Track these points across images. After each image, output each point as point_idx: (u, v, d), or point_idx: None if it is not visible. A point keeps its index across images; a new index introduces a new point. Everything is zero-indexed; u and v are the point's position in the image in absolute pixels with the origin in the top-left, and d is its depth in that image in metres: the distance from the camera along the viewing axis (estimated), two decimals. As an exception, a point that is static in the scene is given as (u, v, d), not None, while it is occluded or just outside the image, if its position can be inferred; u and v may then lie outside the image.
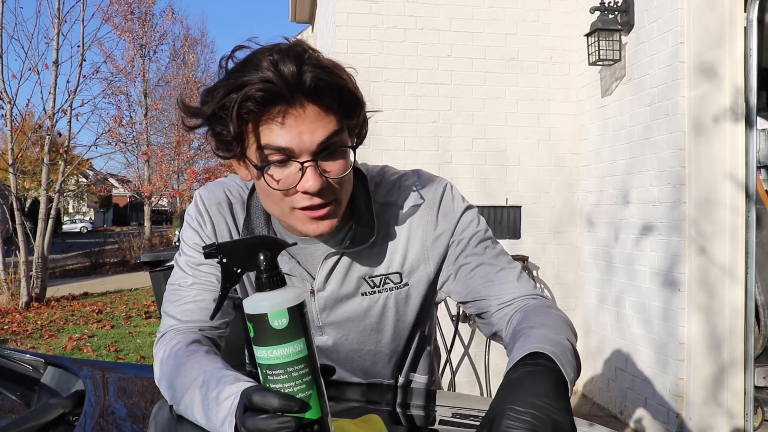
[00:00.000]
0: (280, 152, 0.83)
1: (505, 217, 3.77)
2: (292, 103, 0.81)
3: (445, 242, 1.02)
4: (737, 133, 2.86)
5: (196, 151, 18.21)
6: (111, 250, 15.10)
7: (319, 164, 0.85)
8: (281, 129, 0.82)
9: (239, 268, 0.72)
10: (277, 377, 0.67)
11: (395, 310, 1.05)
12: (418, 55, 3.69)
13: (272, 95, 0.80)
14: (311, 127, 0.83)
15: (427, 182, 1.04)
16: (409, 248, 1.02)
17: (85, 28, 9.22)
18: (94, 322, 6.61)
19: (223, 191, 1.04)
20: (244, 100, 0.80)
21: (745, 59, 2.86)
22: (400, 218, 1.02)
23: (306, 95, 0.82)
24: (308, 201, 0.87)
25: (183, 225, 1.07)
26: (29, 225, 8.74)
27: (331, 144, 0.85)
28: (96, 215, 40.96)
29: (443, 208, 1.02)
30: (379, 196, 1.02)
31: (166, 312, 1.01)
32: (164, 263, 3.35)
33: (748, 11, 2.85)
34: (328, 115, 0.84)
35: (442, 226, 1.01)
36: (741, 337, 2.87)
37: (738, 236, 2.86)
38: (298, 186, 0.85)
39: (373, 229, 0.98)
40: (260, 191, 0.92)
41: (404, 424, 0.99)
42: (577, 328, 4.06)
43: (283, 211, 0.90)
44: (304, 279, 1.02)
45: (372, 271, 1.02)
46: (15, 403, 1.21)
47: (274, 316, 0.66)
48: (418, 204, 1.02)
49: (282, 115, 0.82)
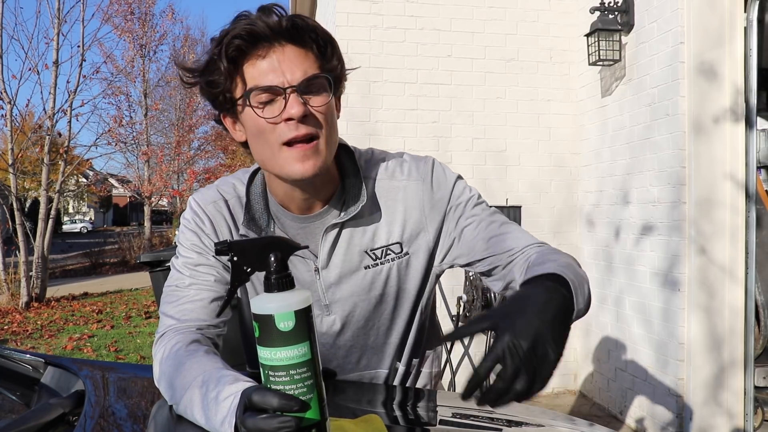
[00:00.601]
0: (267, 91, 0.92)
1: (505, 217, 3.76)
2: (273, 43, 0.92)
3: (442, 209, 1.07)
4: (737, 133, 2.86)
5: (196, 151, 18.23)
6: (111, 250, 15.09)
7: (301, 96, 0.92)
8: (265, 67, 0.92)
9: (249, 267, 0.72)
10: (279, 379, 0.67)
11: (397, 279, 1.08)
12: (418, 55, 3.69)
13: (255, 35, 0.91)
14: (292, 66, 0.92)
15: (415, 158, 1.11)
16: (407, 218, 1.06)
17: (85, 28, 9.24)
18: (94, 322, 6.61)
19: (217, 191, 1.08)
20: (232, 39, 0.90)
21: (745, 59, 2.86)
22: (395, 191, 1.06)
23: (285, 37, 0.92)
24: (293, 131, 0.92)
25: (179, 229, 1.08)
26: (29, 225, 8.74)
27: (311, 80, 0.93)
28: (96, 215, 40.96)
29: (436, 178, 1.08)
30: (371, 172, 1.07)
31: (165, 312, 1.02)
32: (164, 263, 3.35)
33: (748, 11, 2.85)
34: (307, 56, 0.94)
35: (438, 194, 1.07)
36: (741, 337, 2.87)
37: (738, 236, 2.86)
38: (283, 112, 0.91)
39: (363, 195, 1.02)
40: (251, 138, 0.97)
41: (404, 424, 0.99)
42: (577, 328, 4.07)
43: (273, 150, 0.94)
44: (306, 258, 1.04)
45: (373, 244, 1.05)
46: (15, 403, 1.21)
47: (281, 318, 0.66)
48: (410, 176, 1.07)
49: (265, 53, 0.92)
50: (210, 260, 1.04)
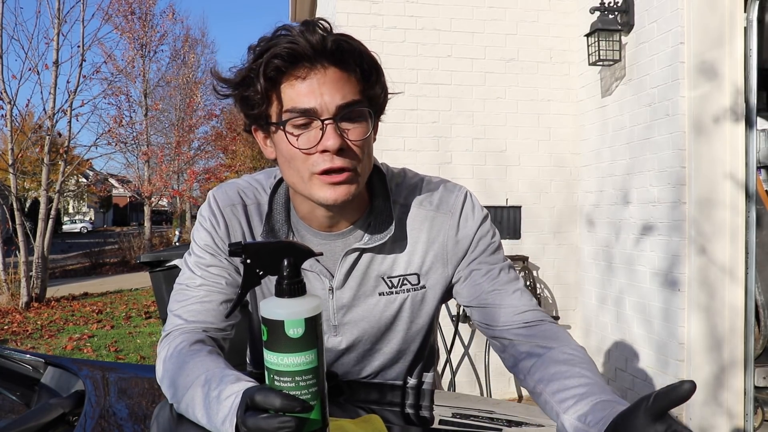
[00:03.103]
0: (303, 114, 0.87)
1: (506, 217, 3.77)
2: (314, 64, 0.87)
3: (465, 247, 1.03)
4: (737, 133, 2.86)
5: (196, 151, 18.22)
6: (111, 250, 15.10)
7: (339, 124, 0.88)
8: (304, 89, 0.87)
9: (262, 270, 0.72)
10: (284, 384, 0.67)
11: (410, 312, 1.06)
12: (418, 56, 3.69)
13: (297, 55, 0.86)
14: (332, 89, 0.87)
15: (448, 188, 1.06)
16: (428, 250, 1.02)
17: (85, 28, 9.23)
18: (94, 323, 6.61)
19: (237, 193, 1.05)
20: (271, 59, 0.86)
21: (745, 59, 2.86)
22: (421, 220, 1.02)
23: (328, 58, 0.87)
24: (328, 162, 0.88)
25: (195, 225, 1.07)
26: (29, 225, 8.74)
27: (351, 108, 0.89)
28: (96, 215, 40.95)
29: (465, 214, 1.03)
30: (400, 197, 1.03)
31: (172, 311, 1.02)
32: (164, 263, 3.34)
33: (748, 11, 2.85)
34: (349, 80, 0.89)
35: (463, 231, 1.02)
36: (741, 337, 2.87)
37: (738, 236, 2.86)
38: (319, 144, 0.88)
39: (391, 223, 0.99)
40: (282, 160, 0.93)
41: (404, 424, 0.99)
42: (577, 328, 4.07)
43: (303, 177, 0.91)
44: (323, 276, 1.02)
45: (391, 271, 1.02)
46: (15, 403, 1.21)
47: (291, 325, 0.66)
48: (440, 208, 1.03)
49: (305, 74, 0.87)
50: (223, 262, 1.02)
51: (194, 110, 17.55)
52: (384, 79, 0.94)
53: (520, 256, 3.76)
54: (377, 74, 0.93)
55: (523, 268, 3.76)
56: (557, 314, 3.89)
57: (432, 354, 1.20)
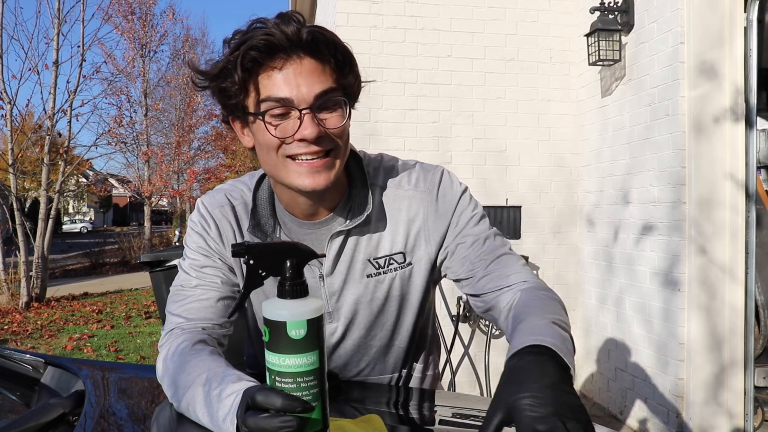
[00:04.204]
0: (280, 103, 0.89)
1: (506, 217, 3.77)
2: (290, 54, 0.89)
3: (445, 223, 1.05)
4: (737, 133, 2.86)
5: (196, 151, 18.22)
6: (111, 250, 15.09)
7: (316, 114, 0.90)
8: (280, 79, 0.89)
9: (265, 271, 0.72)
10: (285, 385, 0.67)
11: (400, 290, 1.08)
12: (418, 56, 3.69)
13: (273, 46, 0.88)
14: (309, 80, 0.89)
15: (425, 168, 1.09)
16: (410, 228, 1.05)
17: (85, 28, 9.22)
18: (94, 322, 6.61)
19: (224, 195, 1.08)
20: (248, 50, 0.88)
21: (745, 59, 2.86)
22: (400, 200, 1.05)
23: (303, 49, 0.89)
24: (305, 149, 0.90)
25: (186, 231, 1.10)
26: (29, 225, 8.74)
27: (327, 96, 0.91)
28: (96, 215, 40.96)
29: (442, 190, 1.06)
30: (378, 180, 1.06)
31: (171, 311, 1.03)
32: (164, 263, 3.34)
33: (748, 11, 2.85)
34: (324, 70, 0.91)
35: (442, 207, 1.05)
36: (741, 337, 2.87)
37: (738, 236, 2.86)
38: (296, 134, 0.90)
39: (369, 204, 1.01)
40: (260, 149, 0.96)
41: (404, 424, 0.99)
42: (577, 328, 4.06)
43: (280, 163, 0.93)
44: (312, 265, 1.04)
45: (376, 252, 1.05)
46: (15, 403, 1.21)
47: (293, 326, 0.66)
48: (417, 186, 1.05)
49: (281, 65, 0.89)
50: (216, 263, 1.05)
51: (194, 110, 17.54)
52: (357, 69, 0.96)
53: (520, 256, 3.76)
54: (350, 64, 0.95)
55: (523, 268, 3.75)
56: (557, 314, 3.89)
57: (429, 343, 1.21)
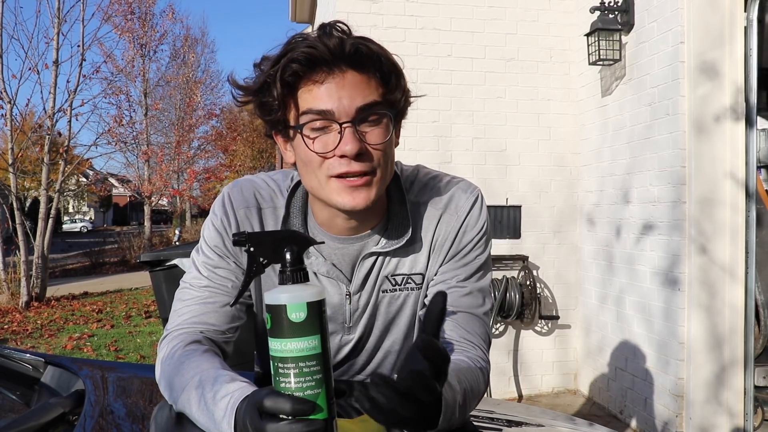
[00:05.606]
0: (320, 116, 0.86)
1: (506, 216, 3.77)
2: (332, 68, 0.85)
3: (454, 251, 1.02)
4: (737, 132, 2.86)
5: (196, 151, 18.23)
6: (111, 249, 15.09)
7: (357, 128, 0.86)
8: (322, 92, 0.85)
9: (265, 259, 0.73)
10: (287, 371, 0.67)
11: (412, 310, 1.06)
12: (418, 55, 3.69)
13: (314, 59, 0.85)
14: (351, 93, 0.86)
15: (461, 187, 1.04)
16: (432, 250, 1.02)
17: (85, 27, 9.22)
18: (94, 322, 6.61)
19: (253, 194, 1.03)
20: (289, 63, 0.85)
21: (746, 59, 2.86)
22: (431, 219, 1.02)
23: (346, 62, 0.86)
24: (345, 166, 0.87)
25: (206, 221, 1.05)
26: (29, 225, 8.74)
27: (370, 110, 0.87)
28: (96, 215, 40.95)
29: (469, 221, 1.02)
30: (412, 195, 1.03)
31: (174, 310, 1.02)
32: (164, 263, 3.34)
33: (749, 11, 2.85)
34: (368, 83, 0.87)
35: (465, 237, 1.02)
36: (741, 336, 2.87)
37: (738, 235, 2.86)
38: (336, 149, 0.86)
39: (408, 227, 0.98)
40: (300, 164, 0.93)
41: (404, 424, 0.99)
42: (578, 328, 4.06)
43: (320, 181, 0.89)
44: (339, 281, 1.02)
45: (395, 270, 1.02)
46: (15, 403, 1.21)
47: (293, 309, 0.67)
48: (447, 208, 1.02)
49: (323, 78, 0.85)
50: (230, 265, 1.01)
51: (194, 110, 17.56)
52: (405, 83, 0.92)
53: (521, 256, 3.76)
54: (397, 78, 0.91)
55: (523, 268, 3.76)
56: (557, 314, 3.89)
57: None
